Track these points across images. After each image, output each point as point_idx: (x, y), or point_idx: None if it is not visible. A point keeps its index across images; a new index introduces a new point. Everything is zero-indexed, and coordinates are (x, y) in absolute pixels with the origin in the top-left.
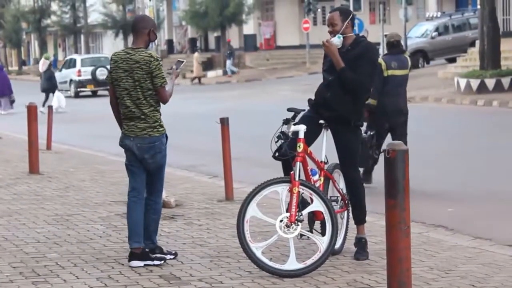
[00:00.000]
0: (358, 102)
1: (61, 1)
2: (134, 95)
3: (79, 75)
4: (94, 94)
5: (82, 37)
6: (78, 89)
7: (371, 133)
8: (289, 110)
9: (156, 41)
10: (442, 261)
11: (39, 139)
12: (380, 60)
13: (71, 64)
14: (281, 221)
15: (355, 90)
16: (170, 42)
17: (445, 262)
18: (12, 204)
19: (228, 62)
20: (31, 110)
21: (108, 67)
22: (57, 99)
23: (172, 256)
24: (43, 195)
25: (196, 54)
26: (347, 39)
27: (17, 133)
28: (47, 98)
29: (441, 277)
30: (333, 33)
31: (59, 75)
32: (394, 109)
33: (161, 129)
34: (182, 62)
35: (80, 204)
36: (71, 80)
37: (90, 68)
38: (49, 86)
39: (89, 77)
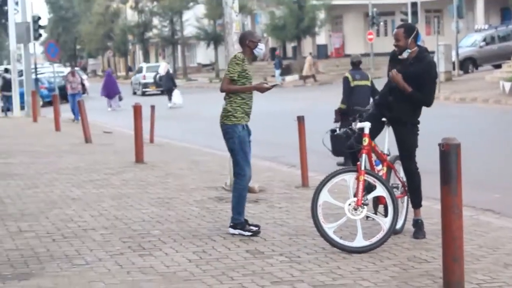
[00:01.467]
0: (415, 107)
1: (161, 16)
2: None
3: (144, 79)
4: (162, 93)
5: (179, 47)
6: (144, 89)
7: (344, 130)
8: (355, 109)
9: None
10: (490, 240)
11: (144, 133)
12: (347, 74)
13: (140, 70)
14: (349, 204)
15: (422, 104)
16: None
17: (493, 241)
18: (121, 188)
19: (277, 72)
20: (137, 109)
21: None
22: (178, 96)
23: (250, 233)
24: (147, 181)
25: (309, 57)
26: (411, 52)
27: (125, 128)
28: (171, 94)
29: (489, 254)
30: (397, 47)
31: (133, 79)
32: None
33: (233, 119)
34: (276, 85)
35: (178, 189)
36: (139, 83)
37: (153, 74)
38: (172, 85)
39: (152, 80)
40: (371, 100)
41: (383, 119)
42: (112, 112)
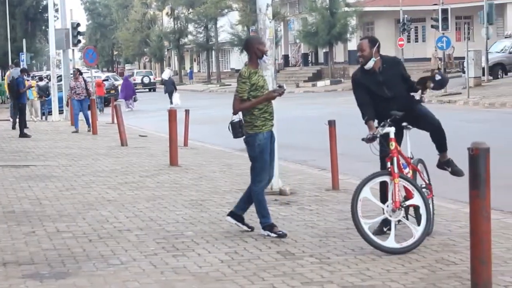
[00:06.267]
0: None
1: (196, 23)
2: None
3: (134, 80)
4: (150, 90)
5: (213, 53)
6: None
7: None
8: (391, 113)
9: (274, 55)
10: None
11: (178, 137)
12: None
13: (132, 74)
14: (387, 206)
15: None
16: (286, 57)
17: None
18: (156, 190)
19: None
20: (172, 113)
21: (151, 77)
22: (177, 98)
23: (276, 235)
24: (181, 183)
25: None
26: (377, 61)
27: (159, 132)
28: (171, 96)
29: None
30: (361, 57)
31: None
32: None
33: (255, 128)
34: (282, 86)
35: (211, 191)
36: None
37: (140, 77)
38: (173, 88)
39: (140, 81)
40: None
41: (403, 123)
42: (146, 116)
